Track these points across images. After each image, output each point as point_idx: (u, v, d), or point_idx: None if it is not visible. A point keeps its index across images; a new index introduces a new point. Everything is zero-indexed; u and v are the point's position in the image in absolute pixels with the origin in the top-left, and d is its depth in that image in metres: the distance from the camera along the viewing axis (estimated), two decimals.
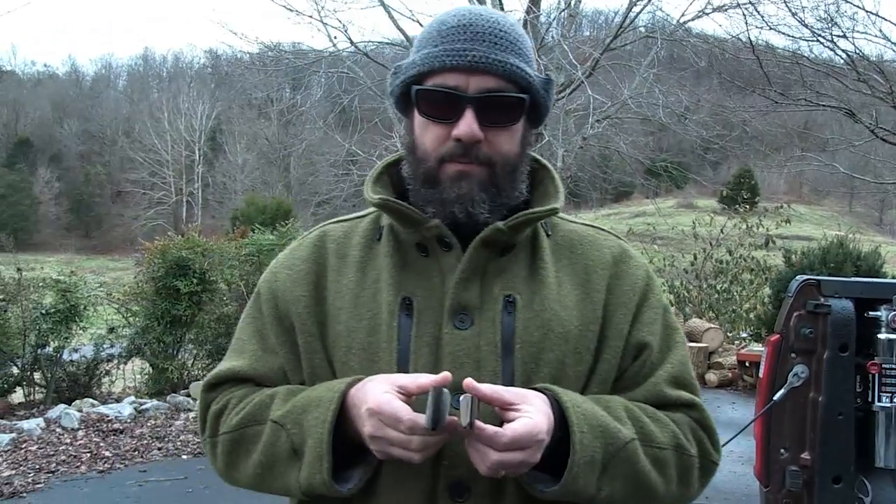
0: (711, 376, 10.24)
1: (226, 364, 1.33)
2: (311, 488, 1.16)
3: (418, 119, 1.25)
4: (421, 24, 12.48)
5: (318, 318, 1.27)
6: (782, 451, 3.14)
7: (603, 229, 1.38)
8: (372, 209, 1.35)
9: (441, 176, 1.22)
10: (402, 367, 1.19)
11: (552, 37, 11.73)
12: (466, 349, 1.20)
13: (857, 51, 9.91)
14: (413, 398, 1.10)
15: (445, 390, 1.05)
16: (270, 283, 1.34)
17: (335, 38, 11.92)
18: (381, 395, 1.08)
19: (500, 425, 1.07)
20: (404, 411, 1.06)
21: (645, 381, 1.27)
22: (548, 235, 1.31)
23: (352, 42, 11.79)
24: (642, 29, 12.88)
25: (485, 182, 1.22)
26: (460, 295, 1.22)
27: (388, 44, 12.77)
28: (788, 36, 10.55)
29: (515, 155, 1.25)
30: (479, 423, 1.05)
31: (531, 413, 1.08)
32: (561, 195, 1.30)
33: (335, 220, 1.41)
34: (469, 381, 1.07)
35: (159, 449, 6.99)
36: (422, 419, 1.04)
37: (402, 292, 1.23)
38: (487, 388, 1.08)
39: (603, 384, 1.25)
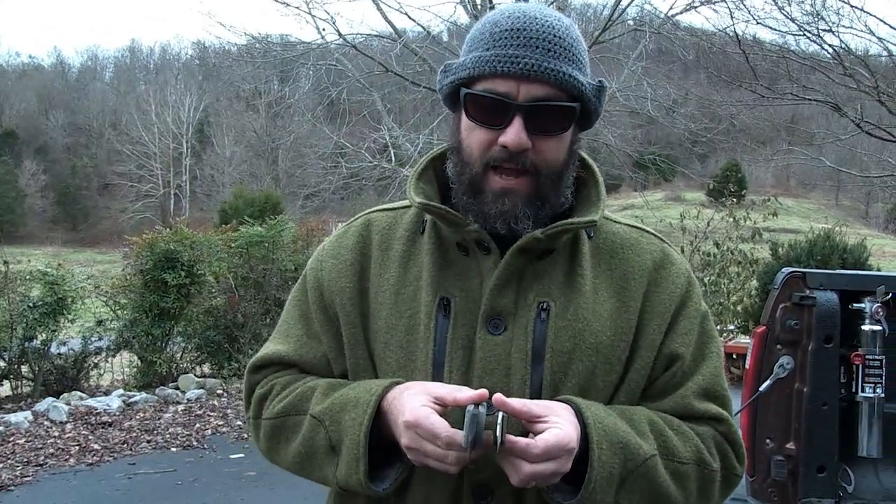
0: None
1: (272, 347, 1.37)
2: (347, 485, 1.19)
3: (465, 121, 1.24)
4: (410, 17, 12.50)
5: (361, 309, 1.30)
6: (768, 441, 3.18)
7: (647, 231, 1.37)
8: None
9: (485, 186, 1.22)
10: (438, 369, 1.22)
11: None
12: (497, 355, 1.21)
13: (843, 45, 9.96)
14: (448, 409, 1.11)
15: (482, 409, 1.05)
16: (316, 270, 1.36)
17: (323, 30, 11.84)
18: (419, 408, 1.09)
19: (527, 436, 1.08)
20: (442, 427, 1.07)
21: (674, 391, 1.27)
22: (589, 237, 1.31)
23: (340, 34, 11.71)
24: (631, 22, 12.88)
25: (529, 196, 1.21)
26: (495, 300, 1.22)
27: (376, 36, 12.70)
28: (775, 30, 10.58)
29: (562, 163, 1.24)
30: (510, 437, 1.06)
31: (560, 424, 1.09)
32: (602, 202, 1.28)
33: (380, 207, 1.41)
34: (499, 398, 1.07)
35: (148, 441, 6.99)
36: (459, 436, 1.06)
37: (441, 292, 1.24)
38: (517, 403, 1.09)
39: (631, 394, 1.26)
